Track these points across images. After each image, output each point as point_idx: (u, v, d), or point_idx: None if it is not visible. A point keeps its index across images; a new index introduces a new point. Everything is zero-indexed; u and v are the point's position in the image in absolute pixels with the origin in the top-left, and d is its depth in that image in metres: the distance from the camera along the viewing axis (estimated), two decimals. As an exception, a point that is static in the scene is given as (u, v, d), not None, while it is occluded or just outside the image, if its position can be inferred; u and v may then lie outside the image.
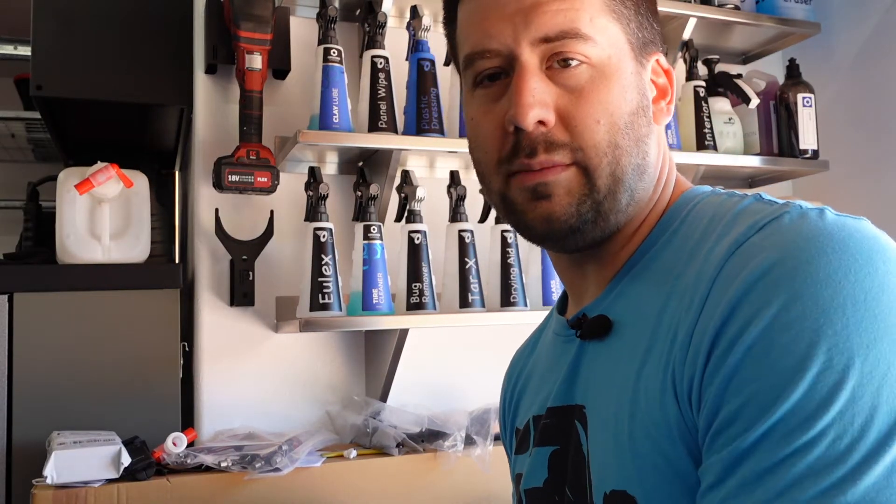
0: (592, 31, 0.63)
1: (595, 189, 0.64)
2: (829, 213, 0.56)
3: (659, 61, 0.70)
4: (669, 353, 0.57)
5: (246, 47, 1.53)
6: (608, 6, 0.65)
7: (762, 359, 0.50)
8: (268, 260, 1.65)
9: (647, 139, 0.66)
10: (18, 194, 2.15)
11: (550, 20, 0.63)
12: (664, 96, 0.70)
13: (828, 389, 0.47)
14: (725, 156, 1.89)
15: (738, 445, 0.49)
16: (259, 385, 1.65)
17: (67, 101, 1.68)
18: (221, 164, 1.52)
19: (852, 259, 0.51)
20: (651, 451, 0.57)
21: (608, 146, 0.63)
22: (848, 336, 0.48)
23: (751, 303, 0.52)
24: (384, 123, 1.57)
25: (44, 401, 1.46)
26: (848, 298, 0.49)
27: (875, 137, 2.06)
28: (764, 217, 0.57)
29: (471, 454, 1.50)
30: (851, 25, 2.13)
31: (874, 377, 0.47)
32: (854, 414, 0.47)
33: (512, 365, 0.89)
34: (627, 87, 0.65)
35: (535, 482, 0.72)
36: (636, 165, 0.65)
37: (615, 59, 0.64)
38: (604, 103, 0.63)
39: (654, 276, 0.64)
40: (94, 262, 1.55)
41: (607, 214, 0.65)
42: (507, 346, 1.82)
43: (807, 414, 0.47)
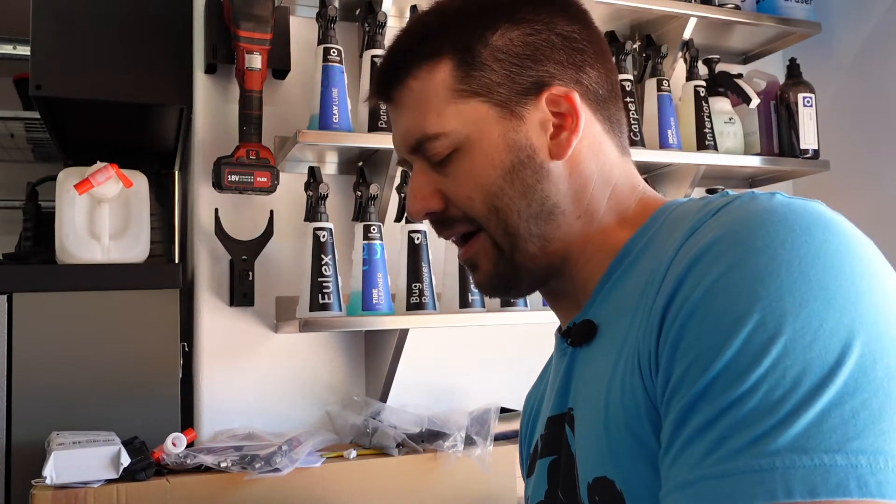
0: (441, 127, 0.70)
1: (500, 248, 0.71)
2: (780, 196, 0.58)
3: (555, 92, 0.70)
4: (635, 337, 0.60)
5: (246, 47, 1.53)
6: (454, 90, 0.70)
7: (702, 321, 0.53)
8: (268, 260, 1.65)
9: (538, 186, 0.69)
10: (18, 194, 2.15)
11: (408, 133, 0.72)
12: (568, 124, 0.70)
13: (760, 345, 0.49)
14: (726, 156, 1.89)
15: (682, 405, 0.52)
16: (259, 385, 1.65)
17: (67, 101, 1.68)
18: (221, 164, 1.52)
19: (790, 230, 0.53)
20: (623, 435, 0.59)
21: (488, 213, 0.70)
22: (781, 296, 0.50)
23: (696, 273, 0.55)
24: (384, 123, 1.57)
25: (43, 401, 1.45)
26: (783, 264, 0.52)
27: (875, 137, 2.06)
28: (719, 204, 0.60)
29: (471, 454, 1.50)
30: (852, 25, 2.13)
31: (806, 333, 0.49)
32: (786, 367, 0.48)
33: (526, 402, 0.91)
34: (493, 152, 0.69)
35: (539, 496, 0.73)
36: (531, 215, 0.69)
37: (475, 135, 0.69)
38: (470, 178, 0.70)
39: (633, 278, 0.66)
40: (93, 262, 1.55)
41: (523, 265, 0.71)
42: (507, 346, 1.84)
43: (741, 369, 0.49)
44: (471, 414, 1.59)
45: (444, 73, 0.70)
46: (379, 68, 0.76)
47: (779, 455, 0.46)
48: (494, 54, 0.69)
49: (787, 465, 0.46)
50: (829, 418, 0.47)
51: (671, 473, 0.52)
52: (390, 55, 0.74)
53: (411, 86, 0.71)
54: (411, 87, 0.71)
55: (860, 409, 0.47)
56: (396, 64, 0.73)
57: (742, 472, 0.47)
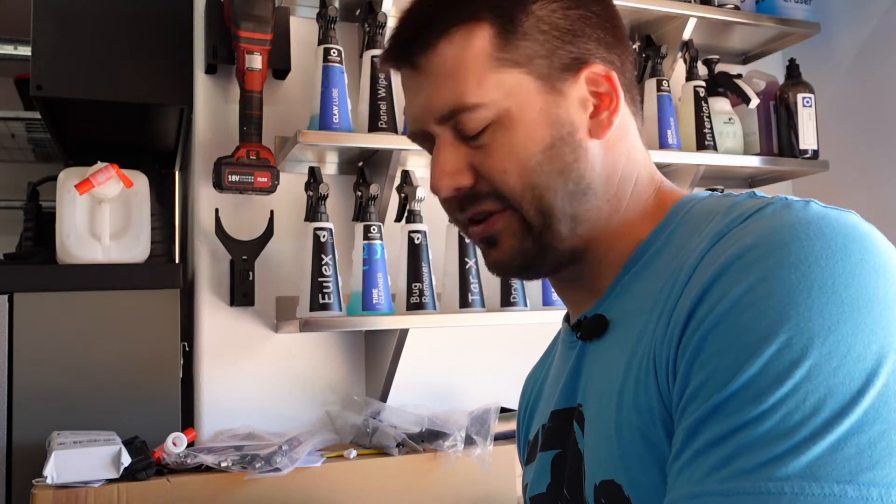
0: (480, 97, 0.65)
1: (530, 227, 0.67)
2: (815, 205, 0.57)
3: (595, 70, 0.68)
4: (651, 339, 0.59)
5: (246, 47, 1.53)
6: (497, 58, 0.66)
7: (725, 335, 0.51)
8: (268, 260, 1.65)
9: (575, 164, 0.67)
10: (18, 194, 2.15)
11: (440, 101, 0.67)
12: (607, 104, 0.69)
13: (784, 367, 0.48)
14: (725, 156, 1.89)
15: (696, 417, 0.51)
16: (259, 385, 1.65)
17: (67, 101, 1.68)
18: (221, 164, 1.52)
19: (826, 245, 0.52)
20: (635, 438, 0.58)
21: (523, 189, 0.66)
22: (810, 317, 0.49)
23: (723, 283, 0.53)
24: (384, 123, 1.57)
25: (44, 401, 1.46)
26: (815, 282, 0.50)
27: (875, 137, 2.07)
28: (750, 209, 0.58)
29: (471, 454, 1.50)
30: (851, 25, 2.13)
31: (832, 359, 0.48)
32: (808, 392, 0.47)
33: (526, 383, 0.90)
34: (534, 127, 0.66)
35: (540, 488, 0.72)
36: (567, 194, 0.67)
37: (516, 107, 0.66)
38: (508, 152, 0.66)
39: (652, 274, 0.65)
40: (94, 262, 1.55)
41: (552, 245, 0.68)
42: (507, 346, 1.84)
43: (761, 388, 0.48)
44: (471, 414, 1.60)
45: (484, 40, 0.65)
46: (399, 30, 0.70)
47: (788, 481, 0.45)
48: (537, 24, 0.66)
49: (797, 491, 0.45)
50: (845, 447, 0.46)
51: (678, 482, 0.51)
52: (415, 16, 0.69)
53: (443, 50, 0.66)
54: (443, 51, 0.66)
55: (878, 439, 0.46)
56: (425, 25, 0.67)
57: (748, 492, 0.46)
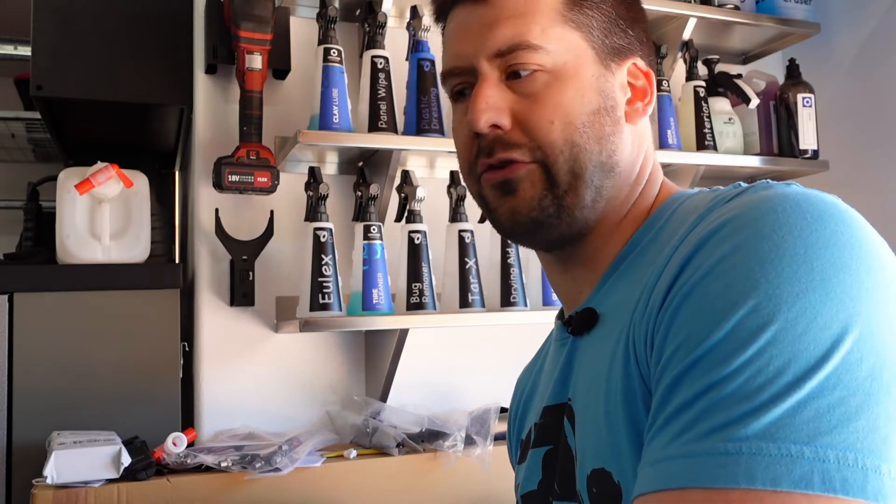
0: (543, 41, 0.67)
1: (556, 184, 0.67)
2: (796, 185, 0.58)
3: (637, 64, 0.72)
4: (630, 321, 0.59)
5: (246, 47, 1.53)
6: (565, 17, 0.68)
7: (697, 303, 0.52)
8: (268, 260, 1.65)
9: (612, 138, 0.69)
10: (18, 194, 2.15)
11: (502, 35, 0.67)
12: (642, 97, 0.72)
13: (750, 331, 0.49)
14: (725, 156, 1.89)
15: (666, 385, 0.52)
16: (259, 385, 1.65)
17: (67, 101, 1.68)
18: (221, 164, 1.53)
19: (801, 217, 0.52)
20: (622, 423, 0.58)
21: (564, 144, 0.66)
22: (779, 284, 0.49)
23: (699, 256, 0.54)
24: (384, 123, 1.57)
25: (44, 401, 1.46)
26: (787, 251, 0.51)
27: (875, 137, 2.07)
28: (732, 194, 0.60)
29: (471, 454, 1.50)
30: (851, 25, 2.13)
31: (798, 324, 0.48)
32: (772, 356, 0.48)
33: (519, 381, 0.91)
34: (586, 88, 0.68)
35: (531, 486, 0.73)
36: (599, 163, 0.68)
37: (572, 65, 0.68)
38: (558, 105, 0.67)
39: (640, 270, 0.65)
40: (94, 262, 1.55)
41: (571, 209, 0.68)
42: (507, 346, 1.84)
43: (727, 352, 0.49)
44: (471, 414, 1.60)
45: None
46: None
47: (746, 441, 0.46)
48: (601, 4, 0.70)
49: (754, 451, 0.45)
50: (804, 411, 0.46)
51: (647, 450, 0.52)
52: None
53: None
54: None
55: (837, 405, 0.46)
56: None
57: (707, 453, 0.47)
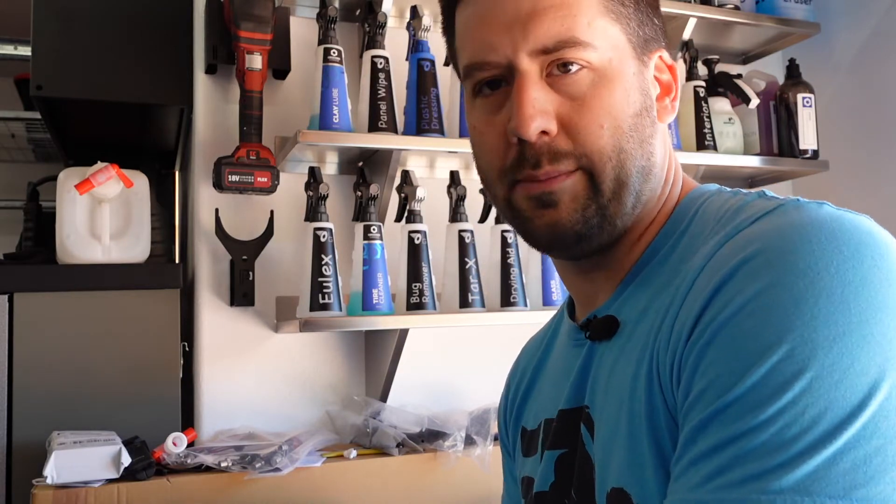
0: (591, 36, 0.62)
1: (600, 193, 0.63)
2: (828, 207, 0.55)
3: (662, 57, 0.68)
4: (655, 345, 0.58)
5: (246, 47, 1.53)
6: (607, 7, 0.63)
7: (729, 341, 0.50)
8: (268, 260, 1.65)
9: (651, 140, 0.65)
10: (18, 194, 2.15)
11: (548, 29, 0.62)
12: (668, 93, 0.68)
13: (785, 377, 0.47)
14: (725, 156, 1.89)
15: (695, 424, 0.50)
16: (259, 385, 1.65)
17: (67, 101, 1.69)
18: (221, 164, 1.53)
19: (837, 250, 0.50)
20: (645, 447, 0.57)
21: (613, 150, 0.62)
22: (815, 327, 0.48)
23: (729, 288, 0.52)
24: (384, 123, 1.57)
25: (44, 401, 1.46)
26: (823, 290, 0.48)
27: (875, 137, 2.06)
28: (759, 210, 0.57)
29: (471, 454, 1.50)
30: (851, 25, 2.13)
31: (834, 371, 0.47)
32: (807, 405, 0.46)
33: (516, 363, 0.88)
34: (630, 88, 0.64)
35: (543, 486, 0.72)
36: (641, 168, 0.64)
37: (616, 62, 0.63)
38: (606, 107, 0.62)
39: (662, 278, 0.63)
40: (94, 262, 1.55)
41: (613, 218, 0.64)
42: (507, 346, 1.82)
43: (761, 399, 0.47)
44: (471, 414, 1.60)
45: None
46: None
47: (781, 494, 0.45)
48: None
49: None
50: (840, 462, 0.45)
51: (674, 487, 0.51)
52: None
53: None
54: None
55: (874, 455, 0.45)
56: None
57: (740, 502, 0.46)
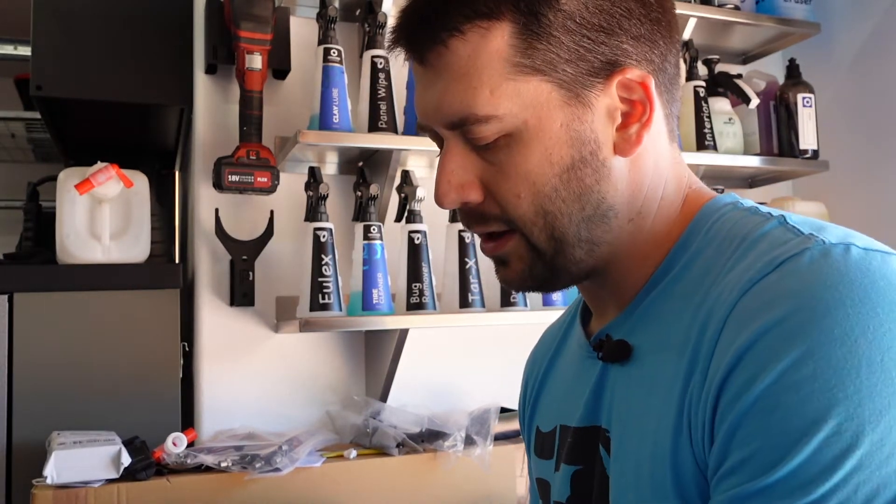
0: (493, 108, 0.59)
1: (541, 253, 0.63)
2: (855, 251, 0.52)
3: (629, 76, 0.61)
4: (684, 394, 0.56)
5: (246, 47, 1.53)
6: (515, 66, 0.59)
7: (769, 414, 0.49)
8: (268, 260, 1.65)
9: (596, 187, 0.61)
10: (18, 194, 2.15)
11: (450, 105, 0.60)
12: (639, 116, 0.61)
13: (834, 455, 0.46)
14: (725, 156, 1.89)
15: (738, 494, 0.49)
16: (259, 385, 1.65)
17: (67, 101, 1.68)
18: (221, 164, 1.52)
19: (872, 313, 0.49)
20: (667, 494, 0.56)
21: (535, 216, 0.61)
22: (860, 401, 0.47)
23: (759, 353, 0.50)
24: (384, 123, 1.57)
25: (44, 401, 1.46)
26: (864, 359, 0.47)
27: (875, 137, 2.06)
28: (784, 252, 0.54)
29: (471, 454, 1.50)
30: (851, 25, 2.13)
31: (884, 446, 0.46)
32: (860, 482, 0.46)
33: (532, 355, 0.87)
34: (553, 145, 0.59)
35: (560, 497, 0.71)
36: (585, 218, 0.61)
37: (534, 122, 0.59)
38: (523, 174, 0.60)
39: (676, 300, 0.61)
40: (94, 262, 1.55)
41: (566, 268, 0.63)
42: (507, 346, 1.84)
43: (811, 476, 0.46)
44: (471, 414, 1.60)
45: (502, 41, 0.58)
46: (407, 15, 0.62)
47: None
48: (565, 23, 0.58)
49: None
50: None
51: None
52: (426, 2, 0.61)
53: (456, 49, 0.59)
54: (456, 50, 0.59)
55: None
56: (437, 16, 0.60)
57: None
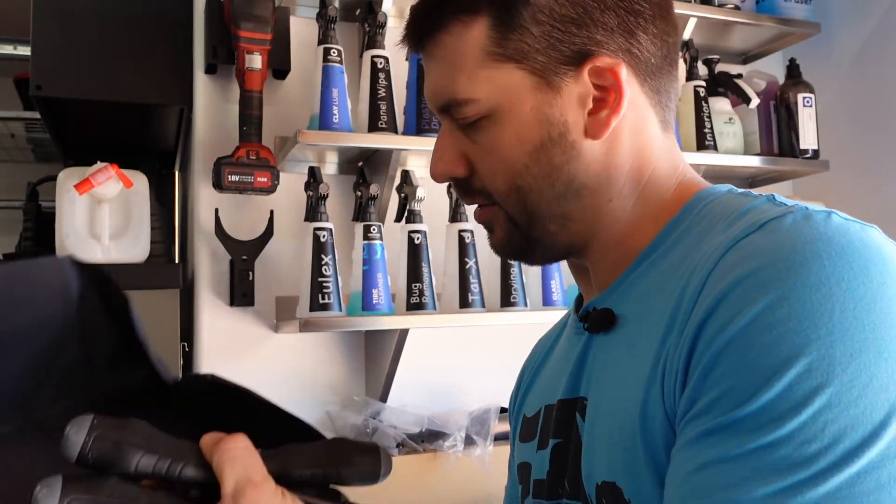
0: (470, 91, 0.65)
1: (517, 224, 0.68)
2: (836, 217, 0.54)
3: (598, 64, 0.64)
4: (661, 349, 0.57)
5: (246, 47, 1.53)
6: (491, 54, 0.65)
7: (744, 353, 0.50)
8: (268, 260, 1.65)
9: (566, 166, 0.65)
10: (18, 194, 2.15)
11: (435, 94, 0.68)
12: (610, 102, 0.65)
13: (804, 393, 0.47)
14: (725, 156, 1.89)
15: (706, 429, 0.50)
16: (259, 385, 1.62)
17: (67, 102, 1.68)
18: (221, 164, 1.52)
19: (847, 266, 0.50)
20: (638, 447, 0.57)
21: (509, 191, 0.67)
22: (832, 343, 0.48)
23: (737, 298, 0.52)
24: (384, 123, 1.57)
25: (44, 401, 1.45)
26: (836, 305, 0.49)
27: (875, 137, 2.06)
28: (767, 216, 0.56)
29: (471, 454, 1.50)
30: (851, 25, 2.13)
31: (854, 388, 0.47)
32: (826, 421, 0.46)
33: (529, 358, 0.90)
34: (523, 127, 0.65)
35: (541, 474, 0.73)
36: (555, 195, 0.66)
37: (506, 105, 0.65)
38: (498, 152, 0.66)
39: (663, 273, 0.63)
40: (93, 262, 1.54)
41: (542, 240, 0.69)
42: (507, 346, 1.83)
43: (779, 413, 0.47)
44: (471, 414, 1.60)
45: (479, 32, 0.65)
46: (412, 12, 0.71)
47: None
48: (535, 16, 0.63)
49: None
50: (864, 481, 0.45)
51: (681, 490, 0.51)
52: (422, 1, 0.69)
53: (444, 40, 0.67)
54: (443, 41, 0.67)
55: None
56: (431, 13, 0.68)
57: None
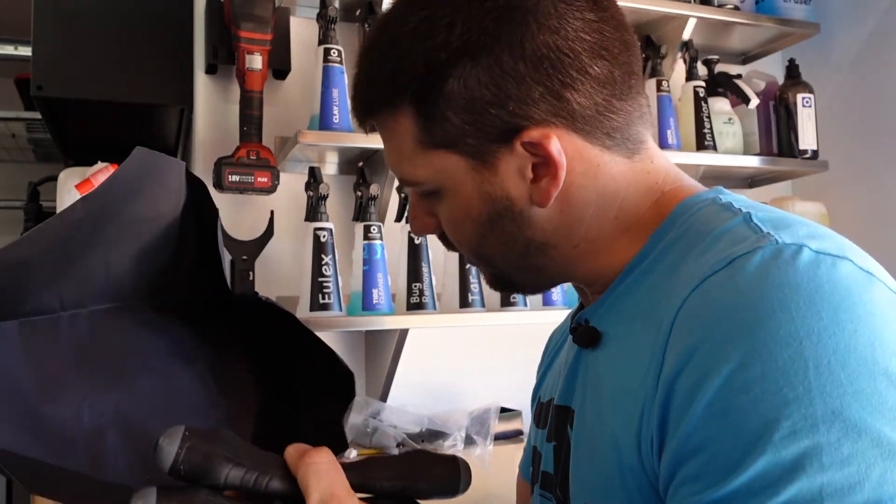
0: (414, 174, 0.67)
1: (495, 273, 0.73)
2: (807, 253, 0.52)
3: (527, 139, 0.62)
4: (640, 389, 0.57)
5: (246, 47, 1.54)
6: (422, 142, 0.65)
7: (722, 418, 0.49)
8: (268, 260, 1.65)
9: (521, 233, 0.66)
10: (19, 194, 2.15)
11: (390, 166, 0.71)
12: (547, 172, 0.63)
13: (792, 457, 0.47)
14: (725, 156, 1.89)
15: (701, 500, 0.49)
16: (259, 385, 1.65)
17: (68, 102, 1.68)
18: (221, 164, 1.53)
19: (816, 316, 0.49)
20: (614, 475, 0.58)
21: (473, 257, 0.70)
22: (812, 401, 0.47)
23: (707, 354, 0.51)
24: (384, 123, 1.57)
25: (44, 401, 1.45)
26: (810, 361, 0.48)
27: (875, 137, 2.07)
28: (736, 251, 0.54)
29: (471, 454, 1.50)
30: (851, 26, 2.13)
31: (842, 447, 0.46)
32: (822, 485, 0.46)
33: (551, 335, 0.92)
34: (470, 204, 0.66)
35: (547, 467, 0.74)
36: (518, 255, 0.67)
37: (449, 185, 0.66)
38: (454, 225, 0.69)
39: (644, 291, 0.63)
40: (94, 262, 1.54)
41: (524, 284, 0.73)
42: (507, 346, 1.84)
43: (773, 479, 0.47)
44: (471, 414, 1.60)
45: (408, 122, 0.65)
46: (351, 98, 0.73)
47: None
48: (451, 105, 0.62)
49: None
50: None
51: None
52: (356, 91, 0.70)
53: (381, 125, 0.69)
54: (381, 126, 0.69)
55: None
56: (364, 101, 0.69)
57: None
